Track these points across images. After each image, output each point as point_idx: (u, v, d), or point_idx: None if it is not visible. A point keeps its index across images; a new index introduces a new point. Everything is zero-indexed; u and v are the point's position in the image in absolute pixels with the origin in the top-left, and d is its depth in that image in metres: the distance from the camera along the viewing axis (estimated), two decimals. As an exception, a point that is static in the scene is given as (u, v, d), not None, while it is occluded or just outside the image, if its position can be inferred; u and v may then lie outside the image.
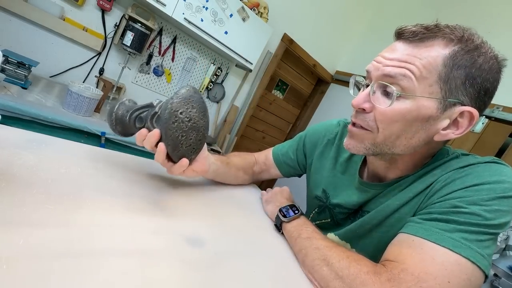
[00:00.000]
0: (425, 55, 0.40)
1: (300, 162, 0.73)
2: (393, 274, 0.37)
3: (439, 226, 0.39)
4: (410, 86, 0.40)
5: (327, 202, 0.63)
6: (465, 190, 0.41)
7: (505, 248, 1.46)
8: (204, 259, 0.36)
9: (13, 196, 0.29)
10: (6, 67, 1.12)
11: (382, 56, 0.44)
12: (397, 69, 0.41)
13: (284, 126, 3.02)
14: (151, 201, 0.43)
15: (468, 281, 0.35)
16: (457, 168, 0.44)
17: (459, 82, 0.40)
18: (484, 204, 0.38)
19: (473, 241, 0.37)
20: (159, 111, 0.42)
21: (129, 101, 0.48)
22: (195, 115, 0.42)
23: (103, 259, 0.28)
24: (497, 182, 0.40)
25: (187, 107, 0.41)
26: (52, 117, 1.10)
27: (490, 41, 0.42)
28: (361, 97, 0.45)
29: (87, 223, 0.31)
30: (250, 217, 0.58)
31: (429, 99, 0.40)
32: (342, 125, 0.68)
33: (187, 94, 0.41)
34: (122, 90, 1.72)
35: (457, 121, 0.42)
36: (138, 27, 1.48)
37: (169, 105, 0.40)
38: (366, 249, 0.52)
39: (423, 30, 0.41)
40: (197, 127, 0.43)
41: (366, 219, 0.53)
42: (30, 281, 0.22)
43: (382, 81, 0.43)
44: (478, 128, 1.77)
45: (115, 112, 0.46)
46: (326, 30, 2.53)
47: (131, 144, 1.35)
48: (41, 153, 0.40)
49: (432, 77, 0.40)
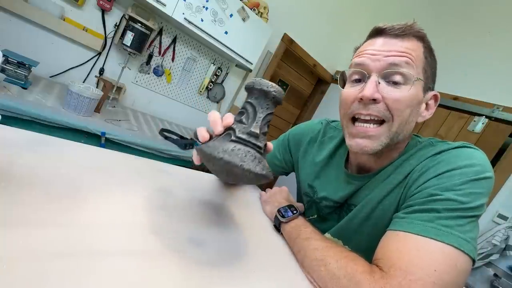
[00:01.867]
0: (413, 48, 0.46)
1: (286, 161, 0.75)
2: (385, 271, 0.38)
3: (420, 217, 0.40)
4: (412, 73, 0.45)
5: (314, 196, 0.64)
6: (439, 177, 0.42)
7: (505, 248, 1.46)
8: (204, 259, 0.36)
9: (13, 196, 0.29)
10: (6, 67, 1.12)
11: (374, 50, 0.47)
12: (401, 58, 0.45)
13: (284, 126, 3.02)
14: (151, 201, 0.43)
15: (454, 267, 0.36)
16: (430, 156, 0.47)
17: (430, 71, 0.48)
18: (457, 189, 0.40)
19: (454, 226, 0.38)
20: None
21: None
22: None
23: (103, 259, 0.28)
24: (468, 166, 0.41)
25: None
26: (52, 117, 1.10)
27: (490, 40, 0.44)
28: (371, 87, 0.46)
29: (87, 223, 0.31)
30: (250, 217, 0.58)
31: (420, 86, 0.47)
32: (325, 124, 0.71)
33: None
34: (122, 90, 1.72)
35: (428, 103, 0.51)
36: (138, 27, 1.48)
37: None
38: (358, 245, 0.53)
39: (406, 27, 0.47)
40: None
41: (354, 213, 0.54)
42: (30, 281, 0.22)
43: (389, 69, 0.46)
44: (478, 128, 1.77)
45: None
46: (326, 30, 2.53)
47: (131, 144, 1.35)
48: (41, 153, 0.40)
49: (420, 66, 0.47)
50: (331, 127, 0.70)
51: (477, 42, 1.89)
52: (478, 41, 1.89)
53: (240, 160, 0.33)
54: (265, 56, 2.26)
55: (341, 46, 2.74)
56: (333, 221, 0.60)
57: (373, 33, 0.50)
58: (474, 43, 1.89)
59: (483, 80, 1.82)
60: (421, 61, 0.47)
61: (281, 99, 0.39)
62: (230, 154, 0.33)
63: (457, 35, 1.96)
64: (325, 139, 0.68)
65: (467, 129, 1.83)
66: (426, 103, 0.50)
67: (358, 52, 0.52)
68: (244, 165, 0.33)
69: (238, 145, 0.34)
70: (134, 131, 1.43)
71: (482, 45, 1.87)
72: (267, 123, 0.38)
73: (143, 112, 1.88)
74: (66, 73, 1.55)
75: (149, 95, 1.90)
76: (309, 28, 2.39)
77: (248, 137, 0.36)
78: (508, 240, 1.47)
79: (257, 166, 0.34)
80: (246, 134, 0.36)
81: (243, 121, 0.37)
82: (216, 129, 0.37)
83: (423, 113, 0.50)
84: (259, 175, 0.34)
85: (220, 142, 0.35)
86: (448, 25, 2.06)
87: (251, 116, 0.37)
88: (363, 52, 0.49)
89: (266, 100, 0.38)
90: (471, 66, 1.89)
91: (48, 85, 1.39)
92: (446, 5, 2.15)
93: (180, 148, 0.44)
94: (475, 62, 1.86)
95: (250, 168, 0.33)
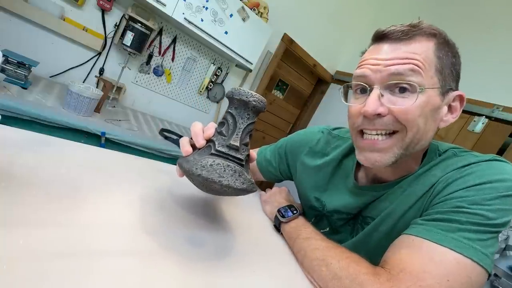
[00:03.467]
0: (420, 50, 0.41)
1: (281, 170, 0.72)
2: (392, 275, 0.37)
3: (440, 226, 0.39)
4: (420, 79, 0.41)
5: (324, 210, 0.60)
6: (467, 190, 0.40)
7: (505, 248, 1.46)
8: (204, 259, 0.36)
9: (13, 196, 0.29)
10: (6, 67, 1.12)
11: (375, 59, 0.43)
12: (405, 66, 0.41)
13: (284, 126, 3.02)
14: (151, 201, 0.43)
15: (468, 279, 0.35)
16: (458, 168, 0.44)
17: (448, 70, 0.43)
18: (486, 203, 0.38)
19: (475, 240, 0.36)
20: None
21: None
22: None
23: (103, 259, 0.28)
24: (499, 181, 0.39)
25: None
26: (52, 117, 1.10)
27: (491, 40, 0.43)
28: (374, 101, 0.42)
29: (87, 223, 0.31)
30: (250, 217, 0.58)
31: (434, 89, 0.42)
32: (326, 133, 0.67)
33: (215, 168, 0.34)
34: (122, 90, 1.72)
35: (451, 106, 0.45)
36: (138, 27, 1.48)
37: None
38: (378, 259, 0.46)
39: (410, 28, 0.42)
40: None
41: (373, 227, 0.51)
42: (30, 281, 0.22)
43: (391, 80, 0.42)
44: (478, 128, 1.77)
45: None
46: (326, 30, 2.53)
47: (131, 144, 1.35)
48: (41, 153, 0.40)
49: (431, 68, 0.42)
50: (333, 136, 0.65)
51: (477, 42, 1.89)
52: (478, 41, 1.88)
53: (218, 176, 0.33)
54: (265, 56, 2.26)
55: (341, 46, 2.74)
56: (345, 233, 0.58)
57: (374, 38, 0.46)
58: (474, 43, 1.89)
59: (483, 80, 1.82)
60: (431, 62, 0.41)
61: (263, 107, 0.38)
62: (208, 169, 0.33)
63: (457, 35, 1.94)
64: (329, 149, 0.64)
65: (467, 129, 1.83)
66: (449, 105, 0.45)
67: (360, 60, 0.48)
68: (223, 181, 0.33)
69: (217, 159, 0.34)
70: (134, 131, 1.43)
71: (482, 45, 1.87)
72: (248, 133, 0.38)
73: (143, 112, 1.88)
74: (66, 73, 1.55)
75: (149, 95, 1.90)
76: (309, 28, 2.39)
77: (228, 150, 0.35)
78: (508, 240, 1.46)
79: (237, 180, 0.34)
80: (226, 147, 0.35)
81: (223, 132, 0.37)
82: (198, 143, 0.37)
83: (445, 117, 0.45)
84: (239, 190, 0.34)
85: (200, 156, 0.35)
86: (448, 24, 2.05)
87: (231, 127, 0.37)
88: (364, 62, 0.45)
89: (247, 110, 0.37)
90: (471, 66, 1.89)
91: (48, 85, 1.39)
92: (446, 5, 2.15)
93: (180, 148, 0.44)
94: (475, 62, 1.86)
95: (229, 183, 0.33)
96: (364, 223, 0.53)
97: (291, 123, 3.07)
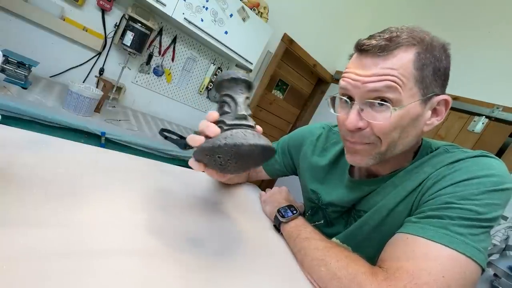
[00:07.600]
0: (398, 65, 0.41)
1: (286, 164, 0.75)
2: (389, 274, 0.37)
3: (433, 223, 0.39)
4: (397, 95, 0.41)
5: (319, 202, 0.63)
6: (455, 185, 0.41)
7: (505, 248, 1.46)
8: (204, 259, 0.36)
9: (13, 196, 0.29)
10: (6, 67, 1.12)
11: (355, 74, 0.44)
12: (381, 83, 0.41)
13: (284, 126, 3.02)
14: (151, 201, 0.43)
15: (462, 275, 0.36)
16: (447, 164, 0.45)
17: (430, 78, 0.43)
18: (475, 198, 0.39)
19: (467, 235, 0.37)
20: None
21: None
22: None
23: (103, 259, 0.28)
24: (487, 176, 0.40)
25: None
26: (52, 117, 1.10)
27: (491, 40, 0.42)
28: (353, 117, 0.45)
29: (87, 223, 0.31)
30: (250, 217, 0.58)
31: (414, 102, 0.43)
32: (327, 129, 0.70)
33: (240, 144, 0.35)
34: (122, 90, 1.72)
35: (436, 109, 0.46)
36: (138, 27, 1.48)
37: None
38: (367, 251, 0.51)
39: (387, 42, 0.42)
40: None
41: (364, 220, 0.53)
42: (30, 281, 0.22)
43: (368, 97, 0.43)
44: (478, 128, 1.77)
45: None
46: (326, 30, 2.53)
47: (131, 144, 1.35)
48: (41, 153, 0.40)
49: (410, 82, 0.42)
50: (333, 132, 0.69)
51: (477, 42, 1.89)
52: (478, 41, 1.88)
53: (243, 138, 0.34)
54: (265, 56, 2.26)
55: (341, 46, 2.74)
56: (340, 226, 0.60)
57: (356, 48, 0.46)
58: (474, 43, 1.89)
59: (483, 80, 1.82)
60: (410, 75, 0.41)
61: (251, 82, 0.40)
62: (232, 138, 0.34)
63: (457, 35, 1.95)
64: (328, 145, 0.67)
65: (467, 129, 1.83)
66: (434, 109, 0.46)
67: (345, 69, 0.49)
68: (249, 141, 0.34)
69: (234, 130, 0.36)
70: (134, 131, 1.43)
71: (482, 45, 1.87)
72: (247, 106, 0.40)
73: (143, 112, 1.88)
74: (66, 73, 1.55)
75: (149, 95, 1.90)
76: (309, 28, 2.39)
77: (239, 121, 0.37)
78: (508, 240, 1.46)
79: (260, 138, 0.36)
80: (236, 119, 0.37)
81: (226, 111, 0.39)
82: (210, 130, 0.36)
83: (428, 121, 0.46)
84: (266, 146, 0.36)
85: (216, 135, 0.37)
86: (448, 25, 2.06)
87: (232, 104, 0.39)
88: (346, 74, 0.46)
89: (239, 85, 0.39)
90: (471, 66, 1.89)
91: (48, 85, 1.39)
92: (446, 5, 2.15)
93: (180, 148, 0.44)
94: (475, 62, 1.86)
95: (256, 142, 0.35)
96: (357, 216, 0.55)
97: (291, 123, 3.07)
